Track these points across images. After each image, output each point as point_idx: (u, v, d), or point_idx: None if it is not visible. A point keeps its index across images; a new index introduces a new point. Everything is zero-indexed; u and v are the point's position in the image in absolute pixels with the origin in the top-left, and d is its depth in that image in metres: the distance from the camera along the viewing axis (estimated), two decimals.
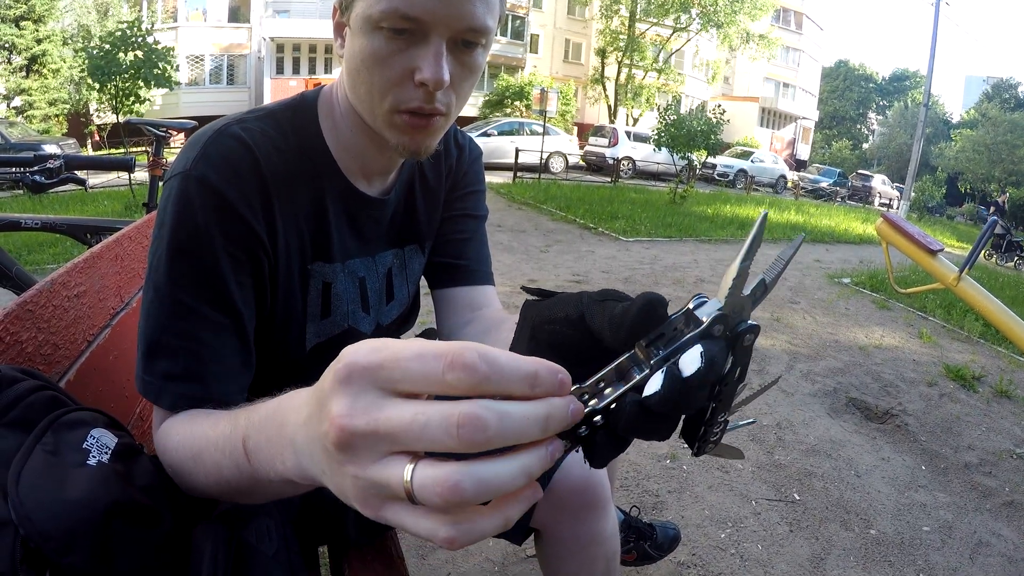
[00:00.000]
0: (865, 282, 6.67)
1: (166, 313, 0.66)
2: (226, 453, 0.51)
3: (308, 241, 0.79)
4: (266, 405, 0.46)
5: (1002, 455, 2.88)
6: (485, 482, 0.29)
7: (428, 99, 0.67)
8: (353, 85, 0.71)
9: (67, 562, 0.52)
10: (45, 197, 7.15)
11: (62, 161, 2.02)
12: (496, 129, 17.07)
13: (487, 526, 0.31)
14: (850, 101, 51.34)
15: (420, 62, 0.65)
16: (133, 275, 1.14)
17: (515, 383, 0.30)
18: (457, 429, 0.29)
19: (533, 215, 9.07)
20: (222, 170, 0.67)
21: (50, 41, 17.31)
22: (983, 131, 33.64)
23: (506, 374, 0.30)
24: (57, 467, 0.56)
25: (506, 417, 0.29)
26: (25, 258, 4.40)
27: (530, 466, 0.31)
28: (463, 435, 0.29)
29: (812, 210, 15.09)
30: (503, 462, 0.30)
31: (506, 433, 0.29)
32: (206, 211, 0.66)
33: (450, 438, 0.29)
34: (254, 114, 0.75)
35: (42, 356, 0.78)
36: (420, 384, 0.30)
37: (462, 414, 0.29)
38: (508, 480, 0.30)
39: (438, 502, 0.29)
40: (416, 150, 0.72)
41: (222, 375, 0.68)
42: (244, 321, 0.71)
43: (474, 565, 1.78)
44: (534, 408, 0.30)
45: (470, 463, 0.30)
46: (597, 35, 27.38)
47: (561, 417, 0.31)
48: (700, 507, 2.20)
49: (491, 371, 0.29)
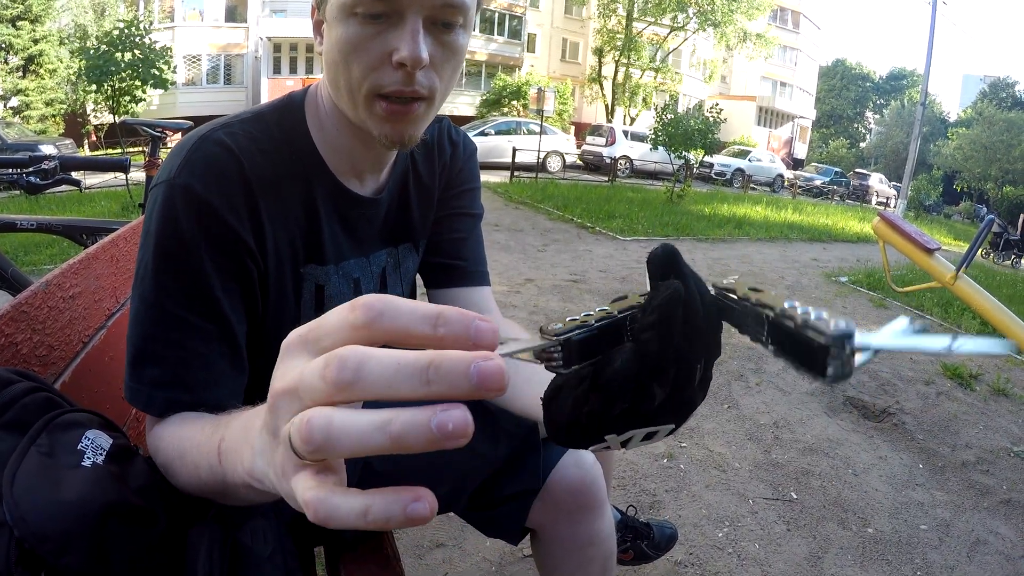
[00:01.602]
0: (862, 281, 6.68)
1: (152, 321, 0.66)
2: (204, 454, 0.51)
3: (300, 244, 0.78)
4: (250, 409, 0.46)
5: (999, 453, 2.89)
6: (335, 423, 0.27)
7: (407, 80, 0.66)
8: (333, 78, 0.70)
9: (62, 563, 0.52)
10: (42, 198, 7.13)
11: (57, 162, 2.01)
12: (493, 128, 17.07)
13: (343, 504, 0.28)
14: (847, 100, 51.37)
15: (397, 43, 0.64)
16: (129, 276, 1.14)
17: (414, 321, 0.28)
18: (324, 368, 0.27)
19: (530, 214, 9.07)
20: (206, 177, 0.67)
21: (47, 41, 17.25)
22: (979, 130, 33.71)
23: (403, 310, 0.28)
24: (52, 468, 0.56)
25: (372, 357, 0.27)
26: (22, 259, 4.39)
27: (392, 423, 0.26)
28: (327, 375, 0.27)
29: (809, 209, 15.10)
30: (364, 412, 0.27)
31: (371, 374, 0.26)
32: (191, 219, 0.66)
33: (321, 380, 0.27)
34: (241, 117, 0.75)
35: (37, 357, 0.78)
36: (334, 332, 0.29)
37: (331, 355, 0.27)
38: (358, 427, 0.27)
39: (297, 443, 0.28)
40: (400, 139, 0.71)
41: (210, 381, 0.68)
42: (233, 327, 0.70)
43: (471, 565, 1.78)
44: (415, 355, 0.27)
45: (331, 407, 0.28)
46: (594, 34, 27.34)
47: (451, 370, 0.26)
48: (697, 506, 2.20)
49: (385, 306, 0.28)
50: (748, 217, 11.40)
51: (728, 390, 3.26)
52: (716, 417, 2.93)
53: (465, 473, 0.91)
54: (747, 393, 3.25)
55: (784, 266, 7.33)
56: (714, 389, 3.26)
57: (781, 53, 35.69)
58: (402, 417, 0.26)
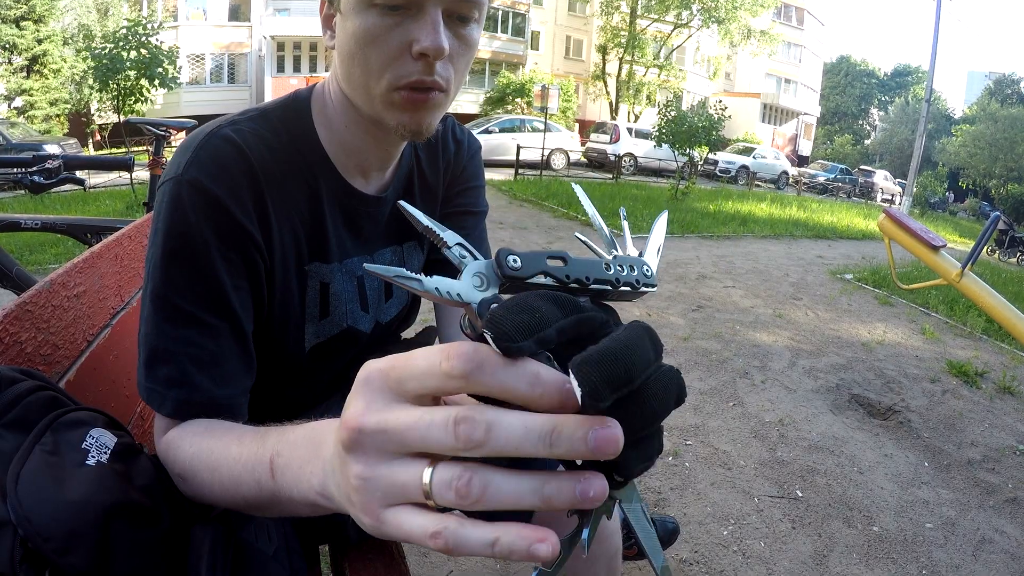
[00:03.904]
0: (867, 278, 6.66)
1: (164, 319, 0.66)
2: (248, 468, 0.51)
3: (304, 242, 0.78)
4: (304, 426, 0.47)
5: (1005, 452, 2.88)
6: (494, 485, 0.30)
7: (427, 70, 0.65)
8: (347, 70, 0.69)
9: (66, 562, 0.52)
10: (47, 197, 7.16)
11: (61, 161, 2.01)
12: (497, 126, 17.06)
13: (475, 535, 0.30)
14: (852, 97, 51.17)
15: (417, 33, 0.64)
16: (133, 274, 1.14)
17: (511, 378, 0.29)
18: (454, 426, 0.29)
19: (535, 212, 9.06)
20: (214, 173, 0.67)
21: (51, 41, 17.29)
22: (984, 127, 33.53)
23: (500, 366, 0.29)
24: (56, 467, 0.56)
25: (500, 420, 0.29)
26: (27, 258, 4.41)
27: (545, 489, 0.30)
28: (460, 432, 0.29)
29: (814, 206, 15.07)
30: (519, 475, 0.30)
31: (500, 436, 0.29)
32: (198, 214, 0.65)
33: (448, 435, 0.29)
34: (247, 115, 0.74)
35: (42, 356, 0.78)
36: (423, 377, 0.31)
37: (459, 413, 0.29)
38: (516, 490, 0.30)
39: (452, 497, 0.30)
40: (417, 129, 0.70)
41: (223, 379, 0.67)
42: (242, 324, 0.70)
43: (476, 562, 1.78)
44: (535, 418, 0.29)
45: (485, 466, 0.30)
46: (598, 31, 27.32)
47: (572, 435, 0.29)
48: (702, 504, 2.19)
49: (484, 359, 0.29)
50: (753, 214, 11.38)
51: (733, 388, 3.25)
52: (721, 415, 2.92)
53: None
54: (752, 391, 3.25)
55: (789, 263, 7.31)
56: (719, 387, 3.25)
57: (785, 50, 35.61)
58: (552, 484, 0.30)
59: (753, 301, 5.21)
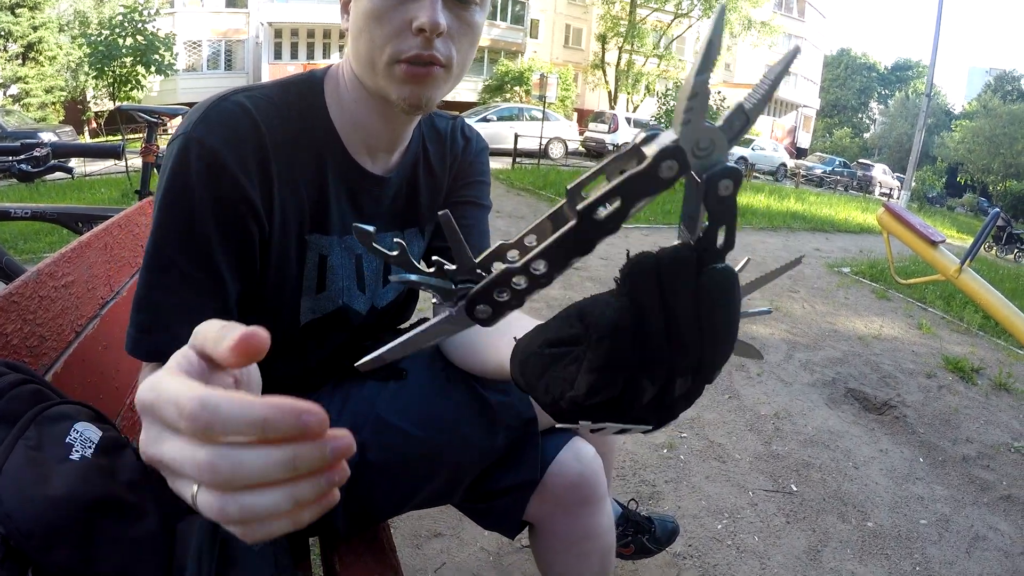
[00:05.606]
0: (865, 272, 6.66)
1: (150, 266, 0.68)
2: None
3: (307, 211, 0.80)
4: None
5: (1000, 448, 2.88)
6: (248, 508, 0.30)
7: (426, 45, 0.70)
8: (356, 47, 0.74)
9: (49, 559, 0.52)
10: (41, 186, 7.11)
11: (49, 149, 1.99)
12: (495, 114, 16.98)
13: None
14: (852, 90, 51.09)
15: (416, 11, 0.69)
16: (123, 264, 1.12)
17: (242, 429, 0.29)
18: (200, 474, 0.30)
19: (532, 201, 9.04)
20: (221, 132, 0.70)
21: (46, 28, 17.16)
22: (983, 122, 33.50)
23: (230, 421, 0.29)
24: (39, 463, 0.55)
25: (240, 465, 0.29)
26: (20, 247, 4.37)
27: (298, 494, 0.31)
28: (207, 479, 0.30)
29: (812, 198, 15.04)
30: (269, 492, 0.30)
31: (247, 478, 0.29)
32: (200, 170, 0.68)
33: (202, 479, 0.30)
34: (262, 86, 0.78)
35: (28, 348, 0.76)
36: (174, 422, 0.31)
37: (201, 462, 0.30)
38: (271, 506, 0.30)
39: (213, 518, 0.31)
40: (417, 103, 0.73)
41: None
42: (226, 287, 0.72)
43: (469, 555, 1.78)
44: (275, 453, 0.30)
45: (236, 493, 0.30)
46: (598, 20, 27.19)
47: (312, 458, 0.30)
48: (697, 498, 2.19)
49: (212, 418, 0.29)
50: (751, 206, 11.35)
51: (729, 380, 3.25)
52: (717, 407, 2.92)
53: (461, 465, 0.90)
54: (748, 383, 3.25)
55: (787, 256, 7.30)
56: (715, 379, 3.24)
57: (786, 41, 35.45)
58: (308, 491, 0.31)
59: (750, 293, 5.20)
